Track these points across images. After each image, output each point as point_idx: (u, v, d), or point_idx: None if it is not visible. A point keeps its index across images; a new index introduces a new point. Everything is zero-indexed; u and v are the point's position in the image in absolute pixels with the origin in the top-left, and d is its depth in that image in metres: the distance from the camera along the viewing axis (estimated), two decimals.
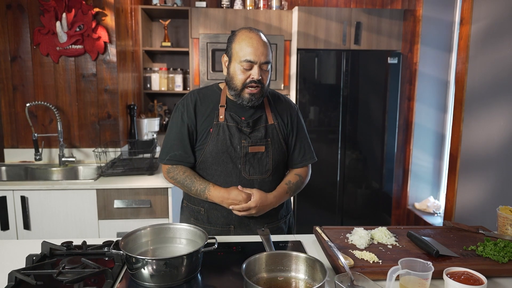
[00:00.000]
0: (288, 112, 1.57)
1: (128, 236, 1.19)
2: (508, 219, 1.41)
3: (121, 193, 2.22)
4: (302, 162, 1.59)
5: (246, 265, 1.05)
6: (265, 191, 1.47)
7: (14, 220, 2.16)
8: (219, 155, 1.45)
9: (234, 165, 1.46)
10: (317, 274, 1.06)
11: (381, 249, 1.28)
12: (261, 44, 1.39)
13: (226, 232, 1.51)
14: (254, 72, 1.39)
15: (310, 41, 3.38)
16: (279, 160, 1.52)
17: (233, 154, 1.45)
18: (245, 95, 1.43)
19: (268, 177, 1.50)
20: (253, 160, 1.47)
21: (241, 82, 1.41)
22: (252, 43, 1.38)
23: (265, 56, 1.39)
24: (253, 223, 1.51)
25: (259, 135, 1.47)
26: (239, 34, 1.42)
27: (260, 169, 1.48)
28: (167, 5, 3.46)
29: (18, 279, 1.06)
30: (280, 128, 1.53)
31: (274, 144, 1.50)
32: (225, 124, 1.45)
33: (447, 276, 1.08)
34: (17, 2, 2.52)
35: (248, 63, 1.38)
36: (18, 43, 2.57)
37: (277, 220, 1.57)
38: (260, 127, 1.49)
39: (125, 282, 1.11)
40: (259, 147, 1.46)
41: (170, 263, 1.08)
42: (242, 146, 1.45)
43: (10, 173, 2.58)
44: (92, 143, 2.72)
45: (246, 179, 1.47)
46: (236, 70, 1.42)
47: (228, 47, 1.44)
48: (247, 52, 1.38)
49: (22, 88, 2.62)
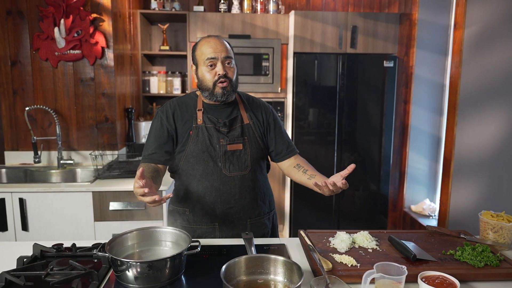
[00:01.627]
0: (262, 111, 1.66)
1: (115, 239, 1.23)
2: (489, 224, 1.44)
3: (117, 196, 2.27)
4: (288, 153, 1.66)
5: (225, 268, 1.09)
6: (246, 187, 1.56)
7: (13, 222, 2.22)
8: (199, 155, 1.53)
9: (215, 164, 1.53)
10: (294, 276, 1.10)
11: (361, 252, 1.31)
12: (219, 43, 1.51)
13: (211, 231, 1.57)
14: (218, 68, 1.49)
15: (307, 44, 3.41)
16: (257, 156, 1.60)
17: (213, 153, 1.53)
18: (217, 91, 1.51)
19: (248, 173, 1.57)
20: (232, 157, 1.55)
21: (211, 81, 1.51)
22: (210, 44, 1.50)
23: (225, 52, 1.50)
24: (236, 219, 1.57)
25: (236, 134, 1.56)
26: (199, 41, 1.55)
27: (240, 166, 1.56)
28: (166, 9, 3.51)
29: (8, 280, 1.10)
30: (255, 127, 1.62)
31: (251, 142, 1.59)
32: (204, 125, 1.54)
33: (422, 280, 1.11)
34: (17, 8, 2.58)
35: (210, 60, 1.49)
36: (18, 48, 2.63)
37: (260, 216, 1.63)
38: (236, 127, 1.58)
39: (111, 284, 1.15)
40: (237, 145, 1.55)
41: (154, 265, 1.12)
42: (221, 145, 1.53)
43: (10, 175, 2.64)
44: (90, 146, 2.78)
45: (227, 176, 1.54)
46: (203, 72, 1.52)
47: (193, 56, 1.57)
48: (208, 52, 1.49)
49: (22, 92, 2.68)
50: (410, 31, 3.43)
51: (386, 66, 3.45)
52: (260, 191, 1.62)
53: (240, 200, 1.56)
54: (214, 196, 1.55)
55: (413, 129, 3.51)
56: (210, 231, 1.57)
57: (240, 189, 1.56)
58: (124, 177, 2.42)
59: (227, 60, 1.51)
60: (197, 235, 1.58)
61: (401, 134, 3.63)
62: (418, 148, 3.53)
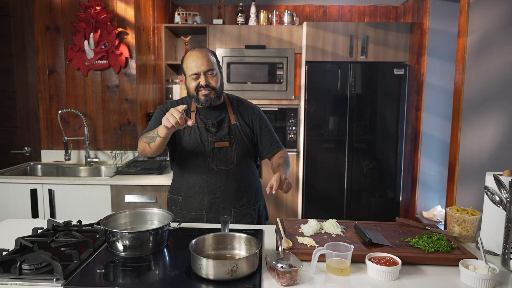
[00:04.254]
0: (249, 113, 1.86)
1: (110, 217, 1.47)
2: (453, 217, 1.53)
3: (132, 189, 2.53)
4: (272, 150, 1.85)
5: (195, 242, 1.28)
6: (232, 180, 1.76)
7: (43, 210, 2.53)
8: (191, 151, 1.76)
9: (204, 159, 1.76)
10: (252, 249, 1.27)
11: (325, 237, 1.46)
12: (201, 57, 1.68)
13: (200, 217, 1.79)
14: (201, 80, 1.68)
15: (318, 54, 3.57)
16: (242, 153, 1.80)
17: (202, 149, 1.75)
18: (200, 98, 1.71)
19: (233, 168, 1.78)
20: (219, 153, 1.76)
21: (194, 89, 1.70)
22: (193, 59, 1.69)
23: (205, 66, 1.67)
24: (222, 208, 1.77)
25: (223, 133, 1.77)
26: (185, 55, 1.73)
27: (226, 161, 1.77)
28: (188, 23, 3.81)
29: (23, 244, 1.36)
30: (241, 127, 1.81)
31: (237, 140, 1.79)
32: (196, 125, 1.77)
33: (368, 259, 1.24)
34: (55, 24, 2.95)
35: (194, 75, 1.68)
36: (55, 59, 3.00)
37: (244, 206, 1.81)
38: (224, 127, 1.78)
39: (104, 252, 1.38)
40: (223, 142, 1.76)
41: (138, 236, 1.34)
42: (209, 142, 1.75)
43: (45, 170, 2.98)
44: (114, 146, 3.08)
45: (214, 170, 1.76)
46: (189, 82, 1.72)
47: (182, 68, 1.76)
48: (191, 67, 1.68)
49: (57, 97, 3.04)
50: (421, 40, 3.49)
51: (396, 74, 3.52)
52: (245, 184, 1.81)
53: (225, 191, 1.77)
54: (203, 187, 1.76)
55: (425, 135, 3.55)
56: (198, 217, 1.79)
57: (225, 181, 1.76)
58: (140, 174, 2.68)
59: (209, 72, 1.69)
60: (187, 220, 1.79)
61: (412, 140, 3.67)
62: (430, 155, 3.55)
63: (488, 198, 1.36)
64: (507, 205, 1.28)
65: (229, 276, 1.15)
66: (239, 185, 1.79)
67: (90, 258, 1.32)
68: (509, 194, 1.27)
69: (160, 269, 1.29)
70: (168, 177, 2.62)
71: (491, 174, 1.38)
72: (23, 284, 1.13)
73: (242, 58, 3.69)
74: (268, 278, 1.20)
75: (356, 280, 1.20)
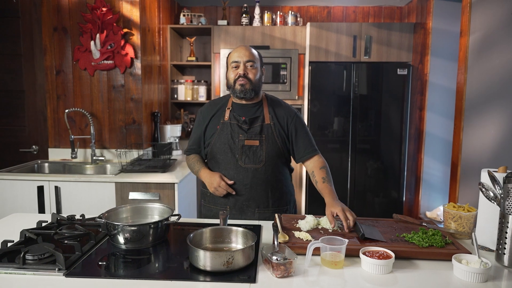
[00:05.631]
0: (286, 115, 1.85)
1: (112, 211, 1.51)
2: (450, 213, 1.55)
3: (135, 187, 2.57)
4: (306, 155, 1.85)
5: (192, 236, 1.31)
6: (258, 179, 1.78)
7: (49, 206, 2.59)
8: (222, 146, 1.80)
9: (233, 155, 1.78)
10: (249, 242, 1.30)
11: (321, 232, 1.48)
12: (244, 49, 1.79)
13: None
14: (240, 69, 1.77)
15: (321, 54, 3.59)
16: (272, 154, 1.80)
17: (232, 146, 1.78)
18: (237, 88, 1.78)
19: (261, 167, 1.79)
20: (248, 151, 1.78)
21: (232, 79, 1.79)
22: (237, 50, 1.80)
23: (247, 56, 1.77)
24: (245, 206, 1.80)
25: (254, 132, 1.79)
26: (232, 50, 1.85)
27: (254, 160, 1.78)
28: (193, 24, 3.86)
29: (27, 236, 1.40)
30: (275, 128, 1.82)
31: (268, 140, 1.80)
32: (229, 122, 1.82)
33: (362, 253, 1.26)
34: (62, 25, 3.02)
35: (234, 63, 1.78)
36: (62, 59, 3.06)
37: (268, 208, 1.82)
38: (256, 125, 1.81)
39: (106, 244, 1.42)
40: (253, 141, 1.78)
41: (139, 229, 1.37)
42: (239, 140, 1.78)
43: (52, 168, 3.05)
44: (119, 145, 3.13)
45: (241, 167, 1.78)
46: (229, 72, 1.82)
47: (226, 63, 1.87)
48: (233, 57, 1.79)
49: (64, 97, 3.10)
50: (425, 40, 3.50)
51: (400, 74, 3.53)
52: (271, 186, 1.81)
53: (250, 190, 1.78)
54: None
55: (428, 135, 3.54)
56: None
57: (251, 180, 1.78)
58: (144, 172, 2.73)
59: (249, 63, 1.77)
60: (212, 214, 1.84)
61: (416, 140, 3.67)
62: (433, 154, 3.55)
63: (483, 195, 1.37)
64: (501, 201, 1.30)
65: (225, 267, 1.18)
66: (265, 185, 1.79)
67: (92, 250, 1.36)
68: (503, 190, 1.29)
69: (160, 261, 1.32)
70: (172, 175, 2.66)
71: (486, 170, 1.40)
72: (26, 274, 1.18)
73: None
74: (264, 270, 1.22)
75: (350, 273, 1.22)
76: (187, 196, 2.88)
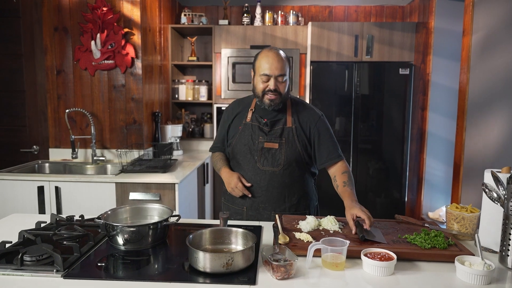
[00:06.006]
0: (309, 119, 1.80)
1: (111, 211, 1.49)
2: (452, 214, 1.53)
3: (136, 187, 2.56)
4: (328, 160, 1.78)
5: (192, 237, 1.30)
6: (275, 182, 1.75)
7: (50, 206, 2.58)
8: (241, 147, 1.79)
9: (252, 157, 1.77)
10: (249, 243, 1.29)
11: (322, 233, 1.46)
12: (276, 60, 1.67)
13: (240, 212, 1.83)
14: (270, 83, 1.69)
15: (323, 53, 3.57)
16: (291, 158, 1.76)
17: (252, 148, 1.77)
18: (265, 101, 1.73)
19: (279, 170, 1.76)
20: (267, 154, 1.76)
21: (261, 91, 1.72)
22: (268, 60, 1.67)
23: (279, 70, 1.67)
24: (262, 208, 1.79)
25: (275, 134, 1.76)
26: (261, 53, 1.73)
27: (273, 163, 1.75)
28: (194, 23, 3.85)
29: (26, 237, 1.39)
30: (297, 132, 1.77)
31: (288, 144, 1.76)
32: (251, 123, 1.80)
33: (364, 255, 1.25)
34: (63, 25, 3.01)
35: (265, 76, 1.69)
36: (63, 59, 3.05)
37: (286, 212, 1.78)
38: (277, 128, 1.77)
39: (105, 245, 1.41)
40: (273, 144, 1.76)
41: (138, 230, 1.36)
42: (259, 142, 1.76)
43: (53, 169, 3.04)
44: (120, 145, 3.12)
45: (259, 169, 1.76)
46: (257, 81, 1.73)
47: (253, 64, 1.77)
48: (264, 68, 1.68)
49: (65, 97, 3.10)
50: (427, 39, 3.48)
51: (402, 73, 3.51)
52: (288, 190, 1.77)
53: (266, 193, 1.76)
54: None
55: (431, 135, 3.52)
56: (239, 212, 1.82)
57: (268, 182, 1.75)
58: (145, 172, 2.72)
59: (280, 77, 1.68)
60: (230, 213, 1.82)
61: (418, 140, 3.65)
62: (436, 154, 3.53)
63: (486, 195, 1.35)
64: (505, 202, 1.28)
65: (225, 269, 1.16)
66: (281, 189, 1.76)
67: (91, 251, 1.34)
68: (507, 191, 1.27)
69: (159, 263, 1.31)
70: (173, 175, 2.65)
71: (489, 171, 1.38)
72: (24, 275, 1.16)
73: (248, 58, 3.71)
74: (264, 272, 1.21)
75: (351, 275, 1.20)
76: (188, 197, 2.87)
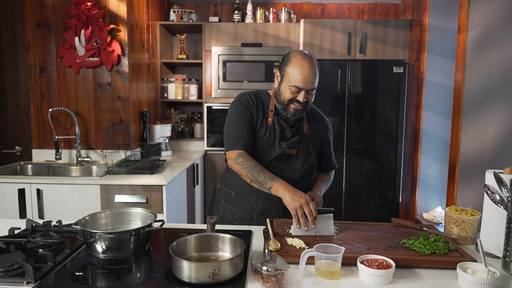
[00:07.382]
0: (322, 127, 1.79)
1: (90, 216, 1.39)
2: (452, 217, 1.45)
3: (122, 189, 2.46)
4: (327, 169, 1.86)
5: (176, 244, 1.20)
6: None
7: (31, 210, 2.47)
8: (261, 150, 1.66)
9: (270, 161, 1.66)
10: (237, 250, 1.20)
11: (317, 238, 1.38)
12: (312, 73, 1.54)
13: (249, 218, 1.70)
14: (300, 96, 1.56)
15: (316, 51, 3.50)
16: (306, 165, 1.72)
17: (272, 152, 1.66)
18: (290, 110, 1.61)
19: (295, 177, 1.69)
20: (286, 160, 1.68)
21: (288, 98, 1.58)
22: (303, 72, 1.52)
23: (312, 84, 1.55)
24: (274, 215, 1.69)
25: (295, 140, 1.68)
26: (294, 58, 1.55)
27: (290, 169, 1.69)
28: (183, 21, 3.75)
29: None
30: (311, 138, 1.73)
31: (304, 150, 1.71)
32: (273, 126, 1.67)
33: (360, 262, 1.17)
34: (46, 20, 2.90)
35: (296, 88, 1.55)
36: (46, 57, 2.94)
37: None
38: (297, 134, 1.70)
39: (83, 253, 1.31)
40: (292, 150, 1.68)
41: (118, 237, 1.26)
42: (281, 147, 1.66)
43: (35, 170, 2.92)
44: (106, 146, 3.01)
45: (276, 174, 1.60)
46: (285, 89, 1.58)
47: (282, 67, 1.60)
48: (297, 80, 1.53)
49: (48, 96, 2.98)
50: (421, 37, 3.42)
51: (396, 72, 3.45)
52: None
53: (279, 199, 1.59)
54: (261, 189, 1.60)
55: (425, 134, 3.47)
56: (248, 218, 1.70)
57: None
58: (131, 173, 2.61)
59: (311, 90, 1.58)
60: (235, 219, 1.71)
61: (412, 140, 3.59)
62: (430, 154, 3.48)
63: (488, 198, 1.28)
64: (508, 204, 1.21)
65: (211, 279, 1.07)
66: None
67: (67, 260, 1.25)
68: (510, 193, 1.20)
69: (142, 272, 1.22)
70: (161, 176, 2.55)
71: (491, 172, 1.31)
72: None
73: (239, 56, 3.62)
74: (253, 281, 1.12)
75: (347, 284, 1.12)
76: (176, 199, 2.77)
